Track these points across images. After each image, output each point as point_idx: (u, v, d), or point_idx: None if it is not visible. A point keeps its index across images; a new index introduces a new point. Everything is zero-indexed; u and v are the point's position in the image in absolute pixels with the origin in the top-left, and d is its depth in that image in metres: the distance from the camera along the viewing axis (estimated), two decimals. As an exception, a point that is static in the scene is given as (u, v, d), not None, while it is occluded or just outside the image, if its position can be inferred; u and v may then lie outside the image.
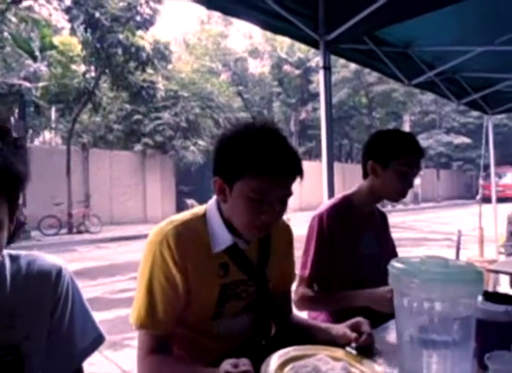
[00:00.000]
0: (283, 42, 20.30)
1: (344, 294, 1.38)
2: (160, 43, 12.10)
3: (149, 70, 12.08)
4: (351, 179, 16.43)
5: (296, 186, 0.98)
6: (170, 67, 14.69)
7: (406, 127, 20.78)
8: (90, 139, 13.62)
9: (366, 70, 15.16)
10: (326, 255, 1.41)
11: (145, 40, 11.48)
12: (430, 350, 0.77)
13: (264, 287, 1.09)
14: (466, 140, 23.03)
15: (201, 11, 24.80)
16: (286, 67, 20.77)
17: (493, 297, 1.20)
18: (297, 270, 1.45)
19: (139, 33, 11.47)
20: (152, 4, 11.46)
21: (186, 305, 1.00)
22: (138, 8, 11.27)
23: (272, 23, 2.29)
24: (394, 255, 1.59)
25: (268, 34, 18.62)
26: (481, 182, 6.25)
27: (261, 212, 0.93)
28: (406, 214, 16.23)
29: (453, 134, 23.96)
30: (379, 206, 1.63)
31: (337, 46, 2.47)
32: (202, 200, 1.07)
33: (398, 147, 1.38)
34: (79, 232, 11.10)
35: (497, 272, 2.29)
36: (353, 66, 16.25)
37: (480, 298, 1.11)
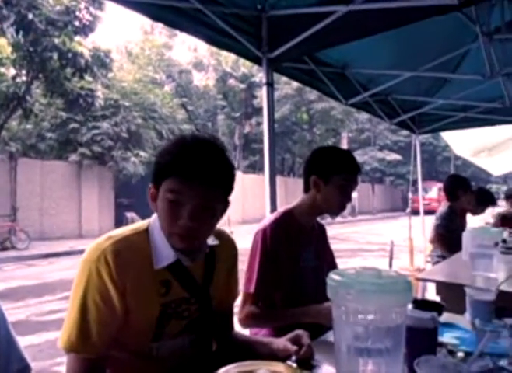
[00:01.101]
0: (228, 56, 20.56)
1: (292, 311, 1.39)
2: (100, 50, 11.65)
3: (88, 77, 11.55)
4: (293, 192, 16.86)
5: (239, 199, 0.98)
6: (110, 75, 14.16)
7: (344, 144, 21.89)
8: (19, 148, 12.59)
9: (308, 88, 15.82)
10: (270, 270, 1.42)
11: (84, 46, 10.98)
12: (366, 358, 0.80)
13: (208, 305, 1.06)
14: (397, 157, 24.76)
15: (145, 21, 24.37)
16: (231, 82, 21.02)
17: (421, 304, 1.29)
18: (241, 285, 1.45)
19: (77, 38, 10.96)
20: (92, 10, 11.04)
21: (123, 326, 0.95)
22: (77, 13, 10.78)
23: (217, 39, 2.32)
24: (334, 267, 1.65)
25: (213, 48, 18.76)
26: (410, 195, 6.73)
27: (180, 216, 0.91)
28: (344, 226, 16.96)
29: (386, 151, 25.66)
30: (318, 219, 1.69)
31: (279, 64, 2.55)
32: (144, 214, 1.04)
33: (339, 163, 1.45)
34: (4, 249, 10.13)
35: (424, 280, 2.47)
36: (295, 83, 16.87)
37: (410, 306, 1.19)
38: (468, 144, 6.43)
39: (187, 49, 24.92)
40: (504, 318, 1.17)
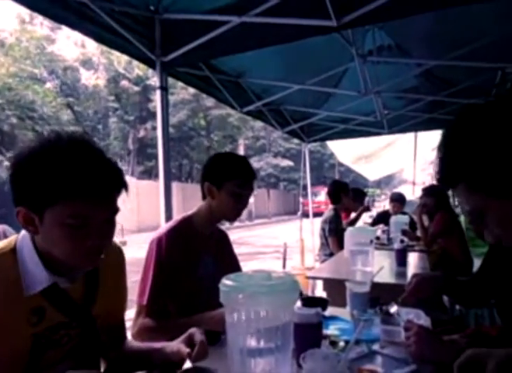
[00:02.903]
0: (121, 56, 19.51)
1: (185, 321, 1.33)
2: (-37, 37, 10.02)
3: None
4: (191, 198, 16.68)
5: (134, 207, 0.93)
6: (-23, 67, 12.29)
7: (241, 150, 22.52)
8: None
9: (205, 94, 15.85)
10: (165, 280, 1.36)
11: None
12: (258, 358, 0.83)
13: (91, 326, 0.97)
14: (290, 163, 26.42)
15: (23, 9, 21.72)
16: (124, 83, 20.01)
17: (309, 301, 1.39)
18: (135, 297, 1.37)
19: None
20: (-49, -11, 9.45)
21: None
22: None
23: (106, 37, 2.18)
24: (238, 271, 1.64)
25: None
26: (301, 199, 7.22)
27: (86, 237, 0.82)
28: (242, 230, 17.37)
29: (279, 158, 27.18)
30: (219, 224, 1.67)
31: (173, 68, 2.52)
32: (20, 226, 0.89)
33: (231, 169, 1.45)
34: None
35: (313, 278, 2.67)
36: (193, 89, 16.80)
37: (299, 303, 1.27)
38: (349, 152, 7.19)
39: (74, 44, 22.96)
40: (377, 307, 1.33)
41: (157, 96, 2.38)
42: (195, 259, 1.47)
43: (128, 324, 1.20)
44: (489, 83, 3.60)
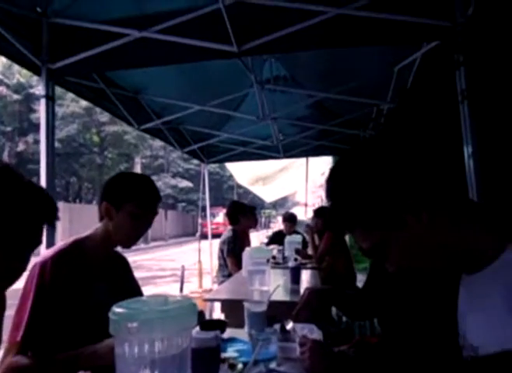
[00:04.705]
0: (-2, 60, 17.38)
1: (66, 357, 1.16)
2: None
3: None
4: (80, 220, 15.26)
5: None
6: None
7: (138, 169, 21.56)
8: None
9: (99, 108, 14.95)
10: (47, 311, 1.19)
11: None
12: (152, 391, 0.76)
13: None
14: (189, 184, 26.20)
15: None
16: (1, 89, 17.76)
17: (208, 324, 1.35)
18: (6, 335, 1.16)
19: None
20: None
21: None
22: None
23: (-20, 35, 1.92)
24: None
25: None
26: (200, 221, 7.14)
27: None
28: (137, 253, 16.42)
29: (178, 178, 26.77)
30: (118, 249, 1.52)
31: (62, 77, 2.32)
32: None
33: (132, 190, 1.35)
34: None
35: (211, 300, 2.63)
36: (85, 102, 15.68)
37: (197, 328, 1.22)
38: (247, 174, 7.42)
39: None
40: (274, 325, 1.35)
41: (42, 106, 2.15)
42: (86, 286, 1.31)
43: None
44: (367, 117, 4.10)
